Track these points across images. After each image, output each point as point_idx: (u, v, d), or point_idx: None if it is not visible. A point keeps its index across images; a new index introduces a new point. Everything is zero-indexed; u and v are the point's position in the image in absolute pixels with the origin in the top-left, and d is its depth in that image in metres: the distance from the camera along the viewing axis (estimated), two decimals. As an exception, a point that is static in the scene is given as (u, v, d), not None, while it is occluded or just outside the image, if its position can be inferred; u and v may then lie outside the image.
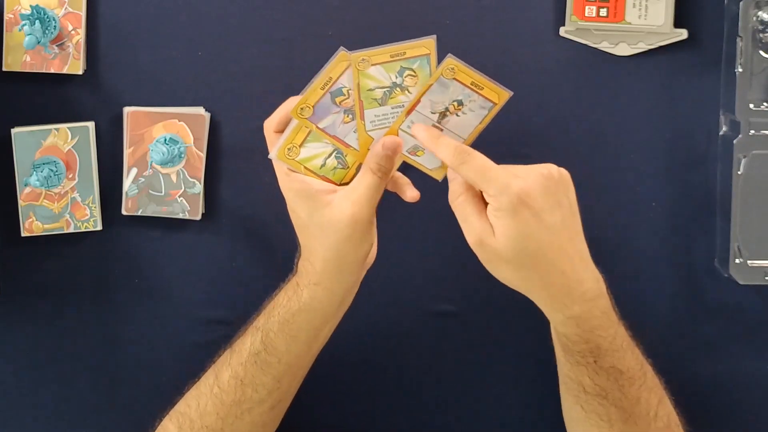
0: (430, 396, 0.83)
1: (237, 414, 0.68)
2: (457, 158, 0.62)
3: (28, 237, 0.81)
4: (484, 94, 0.64)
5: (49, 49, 0.79)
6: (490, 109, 0.65)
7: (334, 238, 0.65)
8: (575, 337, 0.64)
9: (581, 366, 0.64)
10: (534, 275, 0.62)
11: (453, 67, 0.64)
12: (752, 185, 0.76)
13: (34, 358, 0.83)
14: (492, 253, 0.62)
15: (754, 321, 0.80)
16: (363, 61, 0.64)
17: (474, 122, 0.65)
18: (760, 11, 0.76)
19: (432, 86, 0.64)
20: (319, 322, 0.68)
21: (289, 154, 0.66)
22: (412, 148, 0.67)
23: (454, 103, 0.64)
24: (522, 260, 0.61)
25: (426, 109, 0.65)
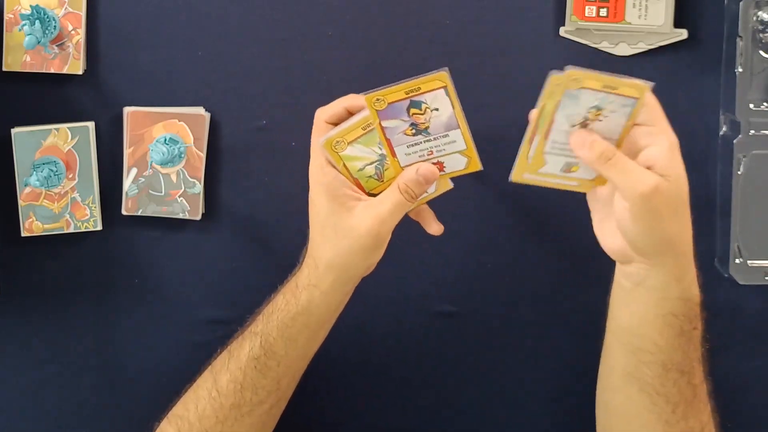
0: (430, 396, 0.83)
1: (236, 417, 0.68)
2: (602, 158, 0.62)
3: (28, 237, 0.81)
4: (621, 93, 0.60)
5: (49, 49, 0.79)
6: (633, 105, 0.61)
7: (347, 246, 0.65)
8: (695, 298, 0.64)
9: (682, 337, 0.63)
10: (685, 226, 0.62)
11: (576, 78, 0.60)
12: (752, 185, 0.76)
13: (34, 358, 0.83)
14: (664, 200, 0.60)
15: (754, 321, 0.80)
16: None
17: (621, 121, 0.62)
18: (760, 11, 0.76)
19: (561, 102, 0.61)
20: (317, 325, 0.68)
21: (336, 147, 0.65)
22: (565, 166, 0.64)
23: (591, 110, 0.61)
24: (682, 207, 0.62)
25: (563, 125, 0.62)
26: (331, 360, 0.83)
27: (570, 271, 0.81)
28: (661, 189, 0.59)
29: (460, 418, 0.83)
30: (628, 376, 0.66)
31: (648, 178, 0.60)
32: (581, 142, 0.62)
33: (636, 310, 0.65)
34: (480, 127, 0.80)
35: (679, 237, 0.62)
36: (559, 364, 0.81)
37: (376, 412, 0.83)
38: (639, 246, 0.62)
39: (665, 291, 0.63)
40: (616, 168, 0.61)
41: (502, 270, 0.81)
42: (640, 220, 0.60)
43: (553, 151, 0.64)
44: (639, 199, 0.59)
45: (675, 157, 0.61)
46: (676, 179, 0.60)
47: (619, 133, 0.62)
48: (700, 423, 0.66)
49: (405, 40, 0.80)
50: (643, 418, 0.65)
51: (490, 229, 0.81)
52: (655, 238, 0.61)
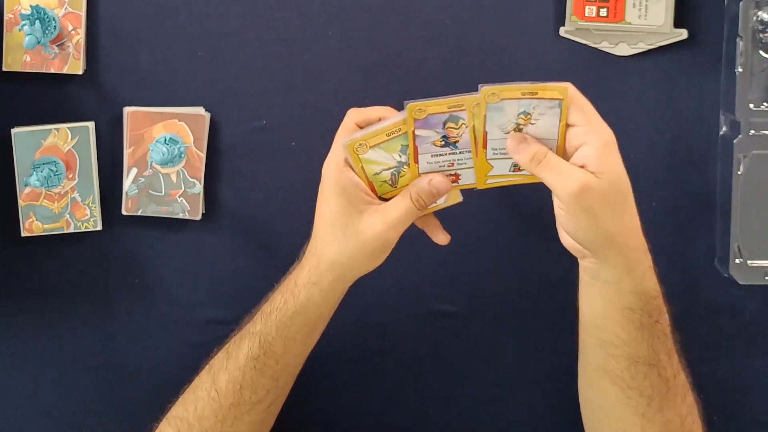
0: (430, 396, 0.83)
1: (236, 416, 0.68)
2: (534, 161, 0.63)
3: (28, 237, 0.81)
4: (543, 97, 0.62)
5: (49, 49, 0.79)
6: (560, 105, 0.62)
7: (353, 247, 0.65)
8: (651, 291, 0.64)
9: (643, 330, 0.64)
10: (627, 221, 0.63)
11: (494, 92, 0.62)
12: (752, 185, 0.76)
13: (34, 358, 0.83)
14: (595, 198, 0.60)
15: (754, 321, 0.80)
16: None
17: (554, 122, 0.63)
18: (760, 11, 0.76)
19: (486, 116, 0.63)
20: (315, 323, 0.69)
21: (358, 149, 0.65)
22: (512, 166, 0.66)
23: (521, 116, 0.63)
24: (619, 203, 0.62)
25: (498, 134, 0.64)
26: (331, 359, 0.83)
27: (569, 271, 0.80)
28: (591, 186, 0.60)
29: (460, 417, 0.83)
30: (599, 370, 0.66)
31: (577, 176, 0.60)
32: (514, 146, 0.64)
33: (596, 304, 0.65)
34: (480, 127, 0.80)
35: (620, 232, 0.62)
36: (559, 363, 0.81)
37: (376, 411, 0.83)
38: (580, 242, 0.63)
39: (617, 284, 0.63)
40: (547, 169, 0.62)
41: (502, 270, 0.81)
42: (573, 217, 0.61)
43: (496, 156, 0.66)
44: (569, 198, 0.60)
45: (607, 154, 0.61)
46: (609, 176, 0.61)
47: (556, 134, 0.64)
48: (679, 416, 0.66)
49: (405, 40, 0.80)
50: (619, 411, 0.66)
51: (490, 229, 0.81)
52: (592, 235, 0.62)
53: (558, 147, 0.64)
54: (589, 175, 0.60)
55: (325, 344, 0.82)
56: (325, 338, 0.82)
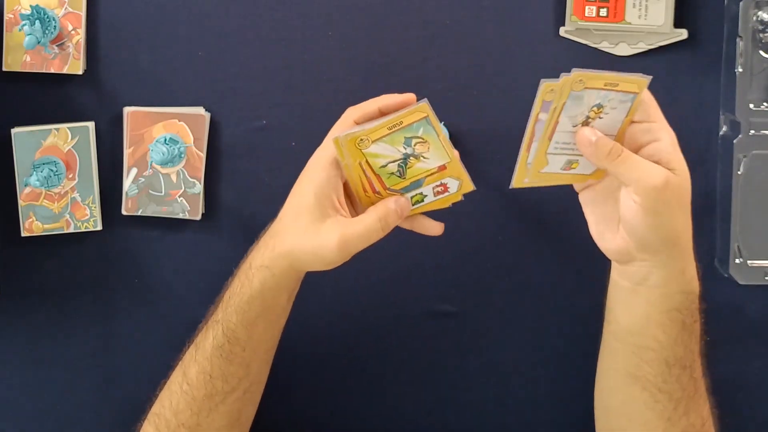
0: (430, 395, 0.83)
1: (211, 407, 0.68)
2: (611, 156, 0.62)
3: (28, 237, 0.81)
4: (621, 89, 0.62)
5: (49, 49, 0.79)
6: (632, 100, 0.62)
7: (308, 246, 0.65)
8: (697, 290, 0.64)
9: (684, 331, 0.64)
10: (689, 220, 0.63)
11: (581, 79, 0.61)
12: (752, 185, 0.76)
13: (34, 358, 0.83)
14: (674, 193, 0.61)
15: (754, 321, 0.80)
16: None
17: (620, 116, 0.63)
18: (760, 11, 0.76)
19: (565, 104, 0.62)
20: (273, 307, 0.68)
21: (360, 144, 0.65)
22: (565, 164, 0.65)
23: (593, 109, 0.62)
24: (688, 200, 0.62)
25: (567, 126, 0.63)
26: (330, 359, 0.83)
27: (570, 271, 0.81)
28: (671, 182, 0.60)
29: (460, 417, 0.83)
30: (629, 377, 0.66)
31: (659, 171, 0.60)
32: (587, 140, 0.63)
33: (638, 310, 0.65)
34: (480, 127, 0.80)
35: (684, 230, 0.63)
36: (559, 364, 0.81)
37: (376, 411, 0.83)
38: (648, 241, 0.62)
39: (668, 287, 0.63)
40: (626, 164, 0.61)
41: (502, 270, 0.81)
42: (651, 214, 0.61)
43: (556, 151, 0.64)
44: (652, 192, 0.60)
45: (678, 151, 0.62)
46: (682, 172, 0.62)
47: (617, 128, 0.63)
48: (701, 418, 0.66)
49: (405, 40, 0.80)
50: (645, 416, 0.65)
51: (490, 229, 0.81)
52: (664, 232, 0.61)
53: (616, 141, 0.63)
54: (668, 172, 0.61)
55: (325, 344, 0.82)
56: (324, 338, 0.82)
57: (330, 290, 0.81)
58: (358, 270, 0.80)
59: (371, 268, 0.81)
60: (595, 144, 0.62)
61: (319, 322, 0.82)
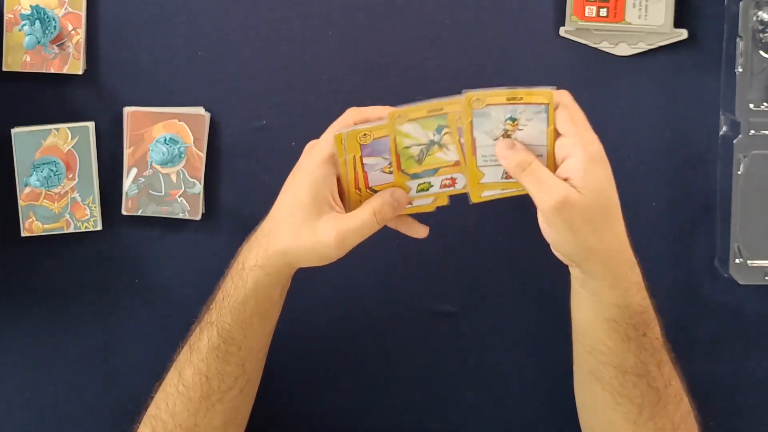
0: (430, 395, 0.83)
1: (207, 407, 0.68)
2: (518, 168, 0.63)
3: (28, 237, 0.81)
4: (528, 102, 0.62)
5: (49, 49, 0.79)
6: (546, 110, 0.62)
7: (303, 244, 0.65)
8: (636, 306, 0.63)
9: (630, 342, 0.63)
10: (610, 237, 0.62)
11: (478, 98, 0.62)
12: (752, 185, 0.76)
13: (34, 358, 0.83)
14: (575, 212, 0.60)
15: (754, 321, 0.80)
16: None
17: (541, 127, 0.63)
18: (760, 11, 0.76)
19: (472, 122, 0.62)
20: (267, 305, 0.68)
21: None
22: (503, 174, 0.66)
23: (508, 122, 0.63)
24: (601, 218, 0.61)
25: (486, 140, 0.64)
26: (330, 359, 0.83)
27: (568, 273, 0.81)
28: (570, 201, 0.60)
29: (460, 417, 0.83)
30: (590, 375, 0.67)
31: (558, 189, 0.60)
32: (502, 151, 0.63)
33: (584, 312, 0.66)
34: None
35: (600, 247, 0.62)
36: (559, 363, 0.81)
37: (376, 411, 0.83)
38: (561, 252, 0.63)
39: (600, 297, 0.63)
40: (530, 178, 0.62)
41: (502, 270, 0.81)
42: (553, 230, 0.62)
43: (486, 163, 0.65)
44: (548, 211, 0.60)
45: (592, 168, 0.60)
46: (591, 191, 0.60)
47: (545, 140, 0.63)
48: (671, 423, 0.66)
49: (405, 40, 0.80)
50: (610, 416, 0.66)
51: (490, 229, 0.81)
52: (571, 248, 0.62)
53: (548, 155, 0.63)
54: (571, 190, 0.60)
55: (325, 344, 0.82)
56: (324, 338, 0.82)
57: (330, 290, 0.81)
58: (358, 270, 0.81)
59: (371, 268, 0.81)
60: (503, 156, 0.63)
61: (318, 322, 0.82)
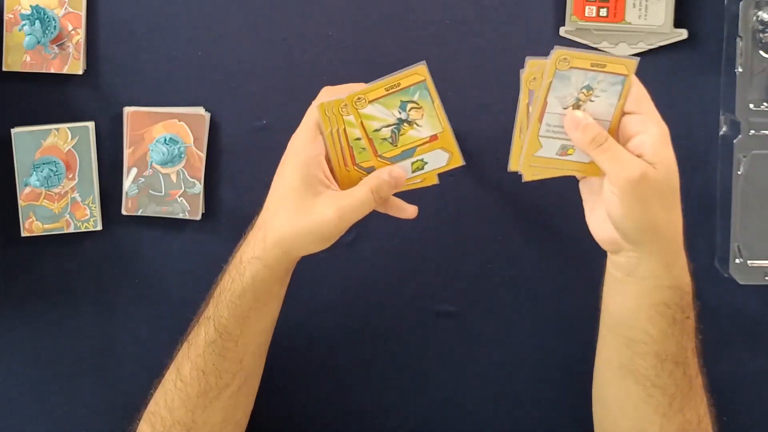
0: (430, 395, 0.83)
1: (205, 404, 0.68)
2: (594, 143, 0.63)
3: (28, 237, 0.81)
4: (610, 71, 0.61)
5: (49, 49, 0.79)
6: (623, 83, 0.62)
7: (301, 227, 0.64)
8: (686, 287, 0.64)
9: (675, 326, 0.63)
10: (674, 215, 0.63)
11: (566, 57, 0.61)
12: (752, 185, 0.76)
13: (34, 358, 0.83)
14: (651, 188, 0.60)
15: (754, 321, 0.80)
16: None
17: (612, 100, 0.62)
18: (760, 11, 0.76)
19: (552, 83, 0.62)
20: (265, 298, 0.68)
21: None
22: (560, 149, 0.65)
23: (583, 91, 0.62)
24: (671, 195, 0.62)
25: (556, 107, 0.63)
26: (330, 359, 0.83)
27: (570, 271, 0.81)
28: (648, 176, 0.60)
29: (460, 417, 0.83)
30: (623, 369, 0.66)
31: (636, 164, 0.60)
32: (575, 124, 0.63)
33: (627, 301, 0.65)
34: (480, 127, 0.80)
35: (666, 224, 0.62)
36: (559, 363, 0.81)
37: (376, 411, 0.83)
38: (627, 232, 0.62)
39: (656, 280, 0.63)
40: (606, 153, 0.62)
41: (502, 270, 0.81)
42: (627, 206, 0.61)
43: (548, 134, 0.64)
44: (627, 185, 0.60)
45: (664, 145, 0.62)
46: (665, 167, 0.61)
47: (611, 114, 0.63)
48: (697, 416, 0.66)
49: (405, 40, 0.80)
50: (640, 410, 0.66)
51: (491, 229, 0.81)
52: (642, 225, 0.62)
53: (610, 130, 0.63)
54: (647, 165, 0.61)
55: (325, 344, 0.82)
56: (324, 338, 0.82)
57: (330, 290, 0.81)
58: (358, 270, 0.81)
59: (371, 268, 0.81)
60: (582, 128, 0.63)
61: (318, 322, 0.82)
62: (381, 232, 0.73)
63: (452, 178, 0.77)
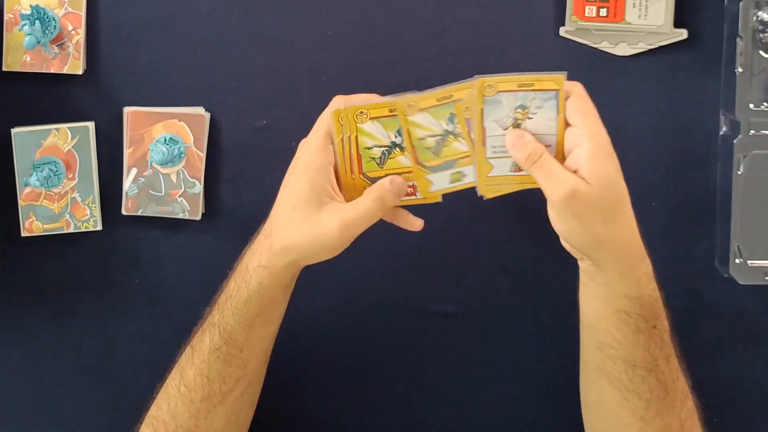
0: (430, 396, 0.83)
1: (209, 408, 0.68)
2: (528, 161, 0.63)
3: (28, 237, 0.81)
4: (538, 88, 0.62)
5: (49, 49, 0.79)
6: (557, 97, 0.62)
7: (308, 237, 0.64)
8: (647, 297, 0.63)
9: (640, 334, 0.63)
10: (620, 227, 0.62)
11: (489, 84, 0.61)
12: (752, 185, 0.76)
13: (34, 358, 0.83)
14: (584, 204, 0.60)
15: (754, 321, 0.80)
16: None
17: (551, 115, 0.62)
18: (760, 11, 0.76)
19: (483, 110, 0.62)
20: (270, 306, 0.68)
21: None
22: (512, 166, 0.65)
23: (518, 111, 0.62)
24: (611, 209, 0.61)
25: (496, 130, 0.63)
26: (330, 359, 0.83)
27: (570, 271, 0.80)
28: (579, 192, 0.60)
29: (460, 418, 0.83)
30: (598, 371, 0.66)
31: (566, 181, 0.60)
32: (513, 142, 0.63)
33: (593, 305, 0.65)
34: (480, 127, 0.80)
35: (610, 238, 0.62)
36: (559, 364, 0.81)
37: (376, 411, 0.83)
38: (572, 245, 0.63)
39: (612, 288, 0.63)
40: (541, 170, 0.62)
41: (502, 270, 0.81)
42: (564, 221, 0.61)
43: (496, 155, 0.65)
44: (559, 202, 0.60)
45: (600, 159, 0.61)
46: (599, 182, 0.60)
47: (555, 128, 0.63)
48: (678, 420, 0.66)
49: (405, 40, 0.80)
50: (618, 413, 0.66)
51: (490, 229, 0.81)
52: (582, 239, 0.62)
53: (557, 144, 0.63)
54: (579, 181, 0.60)
55: (325, 344, 0.82)
56: (324, 338, 0.82)
57: (330, 290, 0.81)
58: (359, 270, 0.81)
59: (371, 268, 0.81)
60: (519, 146, 0.63)
61: (318, 322, 0.82)
62: (381, 232, 0.73)
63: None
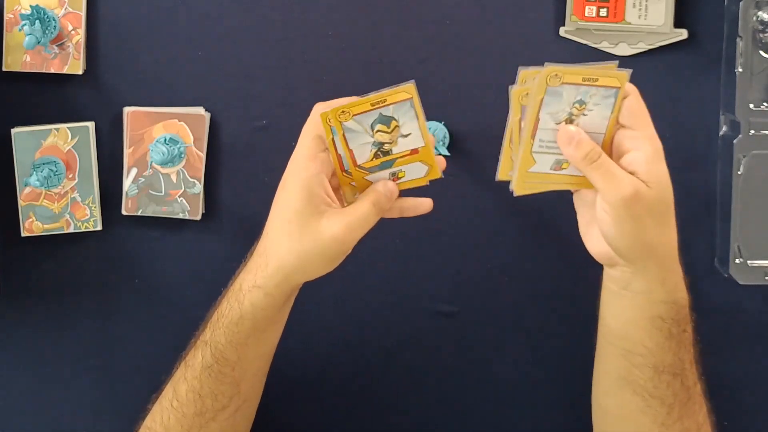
0: (430, 395, 0.83)
1: (201, 423, 0.67)
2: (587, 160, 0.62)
3: (28, 237, 0.81)
4: (602, 84, 0.61)
5: (49, 49, 0.79)
6: (615, 95, 0.61)
7: (308, 249, 0.63)
8: (682, 301, 0.63)
9: (671, 339, 0.63)
10: (668, 231, 0.62)
11: (557, 74, 0.60)
12: (752, 185, 0.76)
13: (34, 358, 0.83)
14: (643, 206, 0.60)
15: (754, 321, 0.80)
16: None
17: (606, 113, 0.61)
18: (760, 11, 0.76)
19: (543, 100, 0.61)
20: (264, 326, 0.66)
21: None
22: (554, 164, 0.64)
23: (575, 106, 0.61)
24: (666, 213, 0.62)
25: (549, 123, 0.62)
26: (330, 360, 0.83)
27: (570, 272, 0.81)
28: (641, 195, 0.59)
29: (460, 418, 0.83)
30: (621, 380, 0.66)
31: (629, 182, 0.60)
32: (567, 139, 0.62)
33: (624, 314, 0.65)
34: (480, 127, 0.80)
35: (660, 242, 0.62)
36: (559, 364, 0.81)
37: (376, 411, 0.83)
38: (620, 250, 0.62)
39: (650, 294, 0.63)
40: (599, 170, 0.61)
41: (502, 270, 0.81)
42: (620, 224, 0.60)
43: (542, 149, 0.63)
44: (620, 204, 0.60)
45: (657, 163, 0.61)
46: (658, 186, 0.60)
47: (605, 127, 0.62)
48: (696, 423, 0.66)
49: (405, 40, 0.80)
50: (639, 420, 0.65)
51: (491, 229, 0.81)
52: (635, 243, 0.61)
53: (604, 143, 0.62)
54: (641, 183, 0.60)
55: (325, 344, 0.83)
56: (324, 338, 0.82)
57: (330, 291, 0.81)
58: (358, 270, 0.81)
59: (371, 268, 0.81)
60: (575, 144, 0.62)
61: (318, 323, 0.82)
62: (381, 232, 0.73)
63: (452, 178, 0.77)
